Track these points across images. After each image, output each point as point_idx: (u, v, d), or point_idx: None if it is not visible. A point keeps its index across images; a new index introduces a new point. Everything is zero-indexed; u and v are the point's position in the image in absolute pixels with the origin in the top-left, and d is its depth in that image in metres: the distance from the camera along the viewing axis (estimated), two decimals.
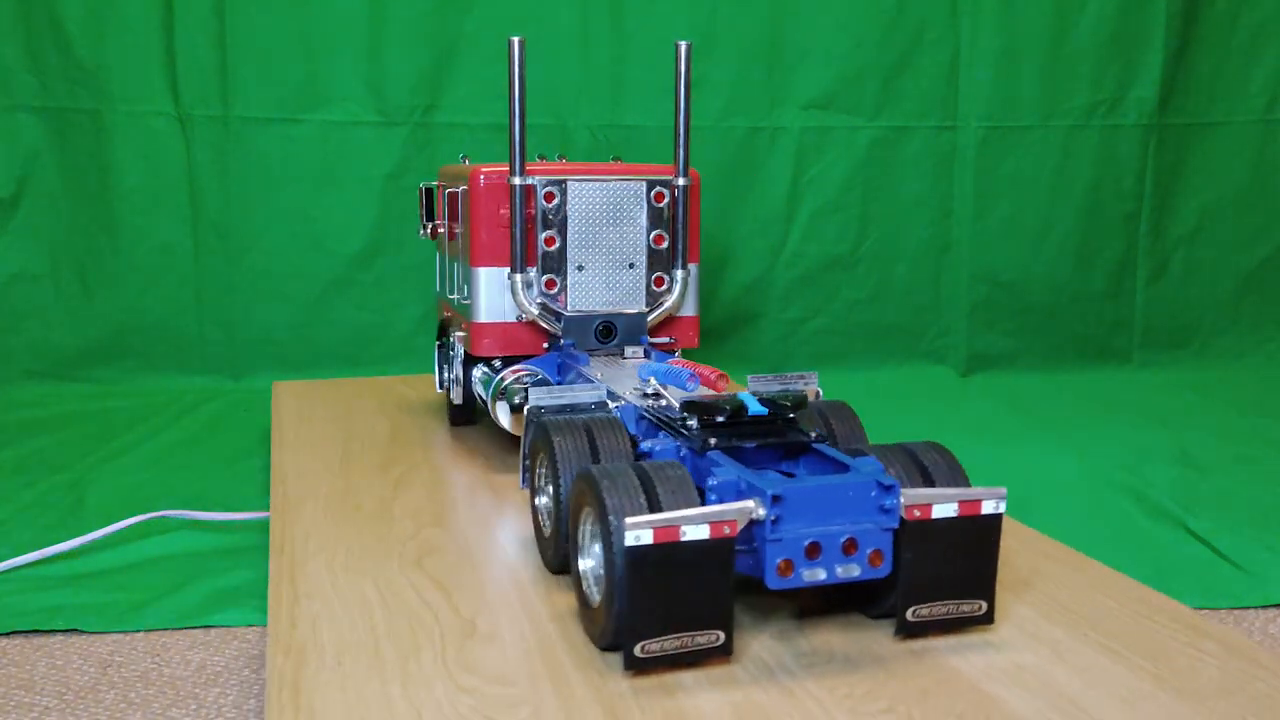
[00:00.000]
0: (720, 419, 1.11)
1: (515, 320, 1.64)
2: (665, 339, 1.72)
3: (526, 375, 1.57)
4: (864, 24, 2.63)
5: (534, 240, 1.61)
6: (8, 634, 1.34)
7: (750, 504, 0.95)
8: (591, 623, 1.02)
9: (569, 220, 1.62)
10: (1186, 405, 2.44)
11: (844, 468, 1.04)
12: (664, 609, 0.93)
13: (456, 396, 1.75)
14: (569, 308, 1.64)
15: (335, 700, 0.92)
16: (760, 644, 1.03)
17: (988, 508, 1.01)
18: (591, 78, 2.59)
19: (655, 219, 1.69)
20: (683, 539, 0.92)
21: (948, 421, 2.31)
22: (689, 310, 1.75)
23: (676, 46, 1.68)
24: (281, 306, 2.58)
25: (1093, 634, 1.07)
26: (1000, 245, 2.76)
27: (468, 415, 1.83)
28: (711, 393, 1.23)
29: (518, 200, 1.58)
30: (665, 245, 1.70)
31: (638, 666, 0.94)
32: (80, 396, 2.44)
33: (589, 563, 1.04)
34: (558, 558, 1.17)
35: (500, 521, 1.38)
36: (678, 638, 0.95)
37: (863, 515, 0.98)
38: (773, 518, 0.94)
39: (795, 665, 1.00)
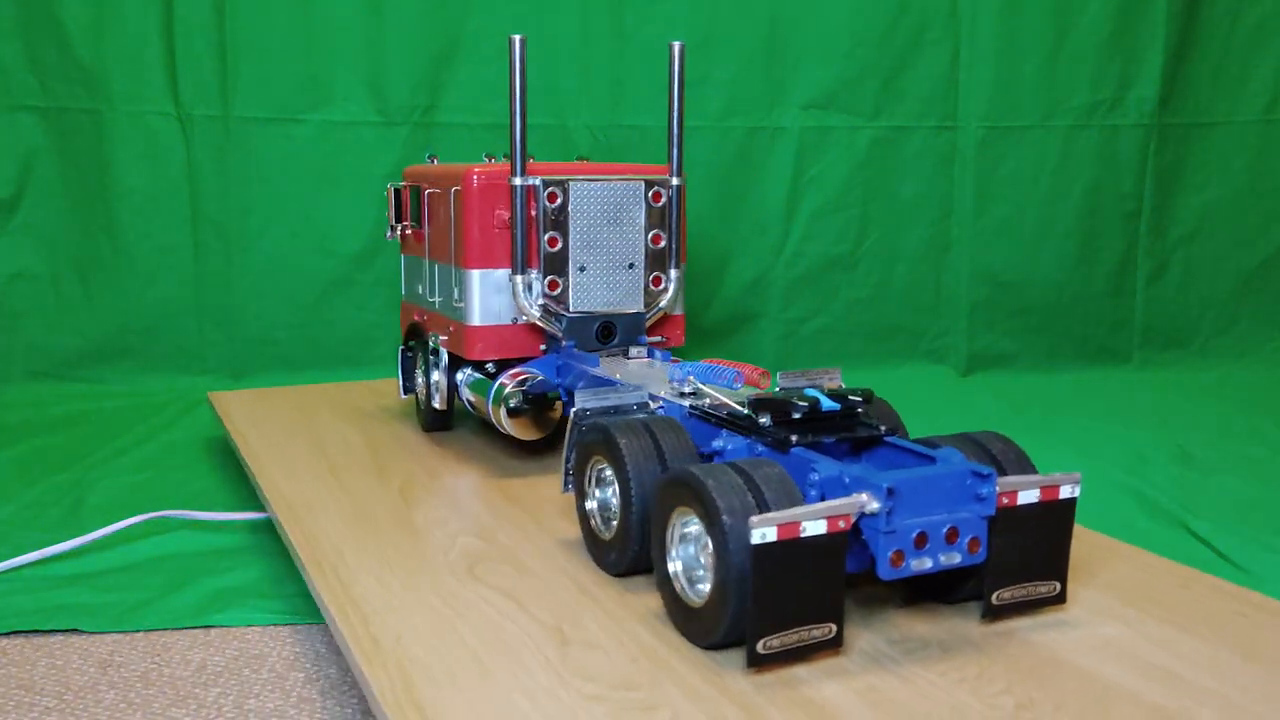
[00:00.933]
0: (797, 416, 1.13)
1: (510, 322, 1.63)
2: (657, 338, 1.72)
3: (528, 379, 1.56)
4: (864, 24, 2.63)
5: (534, 241, 1.60)
6: (8, 634, 1.34)
7: (864, 497, 0.97)
8: (692, 623, 1.03)
9: (571, 221, 1.61)
10: (1186, 405, 2.44)
11: (926, 459, 1.07)
12: (784, 605, 0.95)
13: (439, 402, 1.73)
14: (571, 309, 1.63)
15: (465, 715, 0.91)
16: (852, 635, 1.05)
17: (1065, 492, 1.06)
18: (591, 78, 2.59)
19: (653, 219, 1.68)
20: (802, 535, 0.94)
21: (948, 421, 2.31)
22: (678, 309, 1.75)
23: (671, 47, 1.68)
24: (281, 306, 2.58)
25: (1157, 611, 1.12)
26: (1000, 245, 2.77)
27: (446, 421, 1.82)
28: (755, 390, 1.26)
29: (519, 201, 1.57)
30: (663, 245, 1.70)
31: (760, 663, 0.96)
32: (80, 396, 2.44)
33: (677, 565, 1.06)
34: (624, 561, 1.17)
35: (531, 526, 1.38)
36: (795, 632, 0.96)
37: (960, 504, 1.01)
38: (886, 510, 0.97)
39: (896, 653, 1.02)
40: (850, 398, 1.16)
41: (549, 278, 1.61)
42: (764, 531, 0.92)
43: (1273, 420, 2.31)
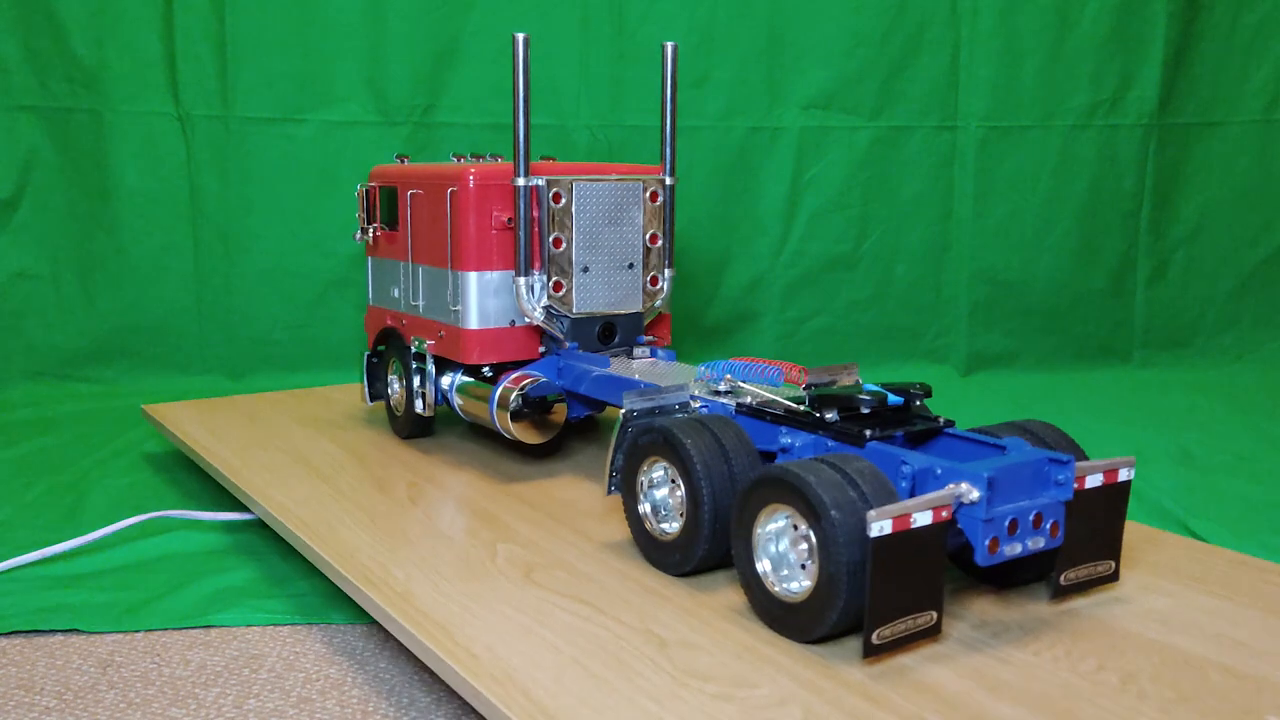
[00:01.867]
0: (866, 411, 1.17)
1: (508, 325, 1.61)
2: (649, 338, 1.72)
3: (532, 382, 1.55)
4: (864, 24, 2.64)
5: (537, 243, 1.58)
6: (8, 634, 1.34)
7: (963, 487, 1.01)
8: (790, 619, 1.06)
9: (574, 221, 1.60)
10: (1186, 405, 2.44)
11: (996, 449, 1.11)
12: (895, 596, 0.98)
13: (425, 408, 1.69)
14: (575, 310, 1.62)
15: None
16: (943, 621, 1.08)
17: (1122, 475, 1.11)
18: (591, 78, 2.59)
19: (650, 218, 1.68)
20: (912, 526, 0.97)
21: None
22: (666, 308, 1.74)
23: (664, 47, 1.67)
24: (281, 306, 2.58)
25: (1204, 586, 1.19)
26: (1000, 245, 2.76)
27: (428, 427, 1.79)
28: (795, 388, 1.29)
29: (523, 202, 1.55)
30: (660, 244, 1.70)
31: (874, 653, 0.98)
32: (80, 396, 2.44)
33: (765, 564, 1.08)
34: (690, 561, 1.19)
35: (564, 530, 1.38)
36: (903, 621, 0.99)
37: (1042, 490, 1.06)
38: (986, 499, 1.01)
39: (984, 636, 1.06)
40: (910, 391, 1.19)
41: (555, 279, 1.59)
42: (881, 524, 0.95)
43: (1273, 420, 2.31)
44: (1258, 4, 2.73)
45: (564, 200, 1.58)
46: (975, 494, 1.01)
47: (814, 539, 1.01)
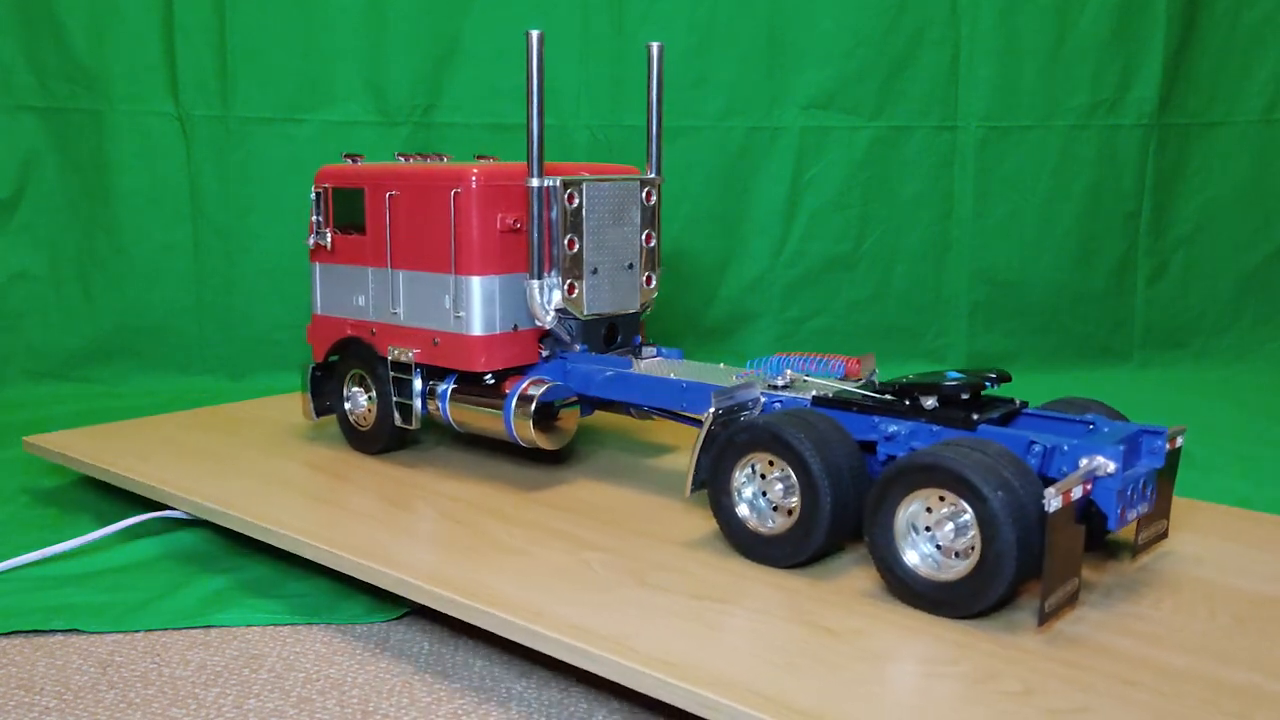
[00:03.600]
0: (965, 396, 1.25)
1: (511, 330, 1.58)
2: (640, 337, 1.72)
3: (549, 387, 1.54)
4: (864, 24, 2.63)
5: (549, 244, 1.55)
6: (8, 634, 1.34)
7: (1100, 460, 1.11)
8: (949, 598, 1.12)
9: (585, 222, 1.58)
10: (1186, 405, 2.44)
11: (1082, 424, 1.22)
12: (1059, 566, 1.07)
13: (413, 420, 1.64)
14: (586, 311, 1.60)
15: (853, 707, 0.95)
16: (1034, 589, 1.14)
17: (1179, 442, 1.24)
18: (591, 78, 2.59)
19: (646, 218, 1.68)
20: (1072, 500, 1.06)
21: None
22: (652, 307, 1.74)
23: (649, 48, 1.67)
24: (281, 306, 2.58)
25: (1246, 540, 1.35)
26: (1000, 245, 2.76)
27: (403, 440, 1.73)
28: (855, 379, 1.38)
29: (536, 203, 1.52)
30: (654, 244, 1.70)
31: (1046, 621, 1.07)
32: (80, 396, 2.44)
33: (914, 555, 1.14)
34: (803, 553, 1.23)
35: (630, 534, 1.38)
36: (1062, 590, 1.09)
37: (1144, 460, 1.18)
38: (1121, 470, 1.11)
39: (1098, 598, 1.17)
40: (989, 376, 1.29)
41: (569, 281, 1.56)
42: (1054, 501, 1.03)
43: (1273, 420, 2.31)
44: (1258, 4, 2.73)
45: (576, 201, 1.56)
46: (1112, 466, 1.11)
47: (974, 519, 1.08)
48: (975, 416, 1.21)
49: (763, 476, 1.27)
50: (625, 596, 1.18)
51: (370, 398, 1.71)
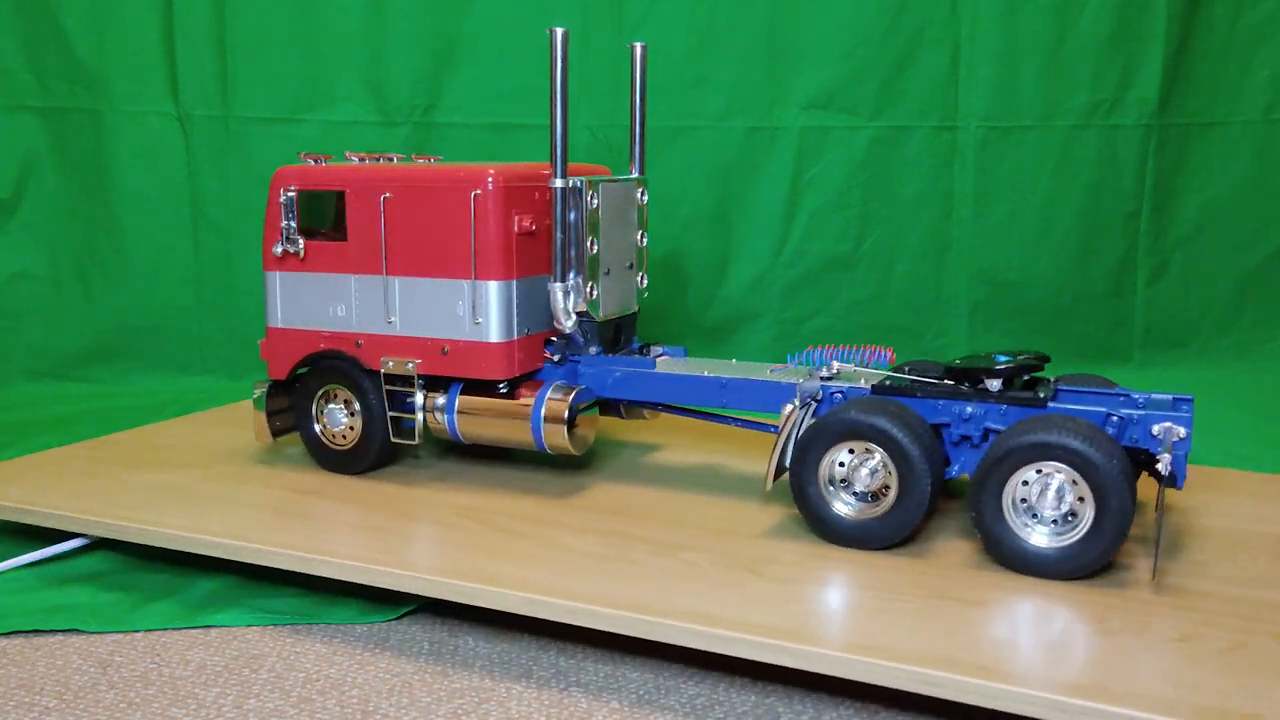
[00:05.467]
0: (1027, 378, 1.37)
1: (525, 335, 1.55)
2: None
3: (577, 392, 1.52)
4: (864, 24, 2.63)
5: (571, 246, 1.53)
6: (8, 634, 1.34)
7: (1169, 426, 1.26)
8: (1055, 560, 1.24)
9: (601, 223, 1.57)
10: None
11: (1120, 396, 1.35)
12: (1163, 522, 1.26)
13: (414, 436, 1.58)
14: (601, 313, 1.59)
15: (1104, 668, 1.04)
16: None
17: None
18: (591, 78, 2.59)
19: (640, 219, 1.68)
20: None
21: None
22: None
23: (632, 48, 1.67)
24: None
25: (1225, 493, 1.55)
26: (1000, 245, 2.76)
27: (391, 457, 1.66)
28: (886, 367, 1.48)
29: (560, 204, 1.50)
30: (644, 244, 1.70)
31: (1155, 576, 1.23)
32: (80, 396, 2.44)
33: (1040, 534, 1.25)
34: (901, 533, 1.32)
35: (694, 529, 1.41)
36: (1155, 546, 1.25)
37: (1181, 423, 1.27)
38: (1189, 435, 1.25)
39: (1146, 549, 1.32)
40: (1033, 358, 1.38)
41: (590, 283, 1.55)
42: (1168, 465, 1.20)
43: (1273, 420, 2.31)
44: (1258, 4, 2.73)
45: (596, 201, 1.54)
46: (1183, 431, 1.25)
47: (1088, 487, 1.21)
48: (1042, 395, 1.31)
49: (844, 465, 1.35)
50: (734, 593, 1.21)
51: (352, 414, 1.63)
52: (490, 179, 1.50)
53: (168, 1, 2.45)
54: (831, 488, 1.36)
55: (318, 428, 1.66)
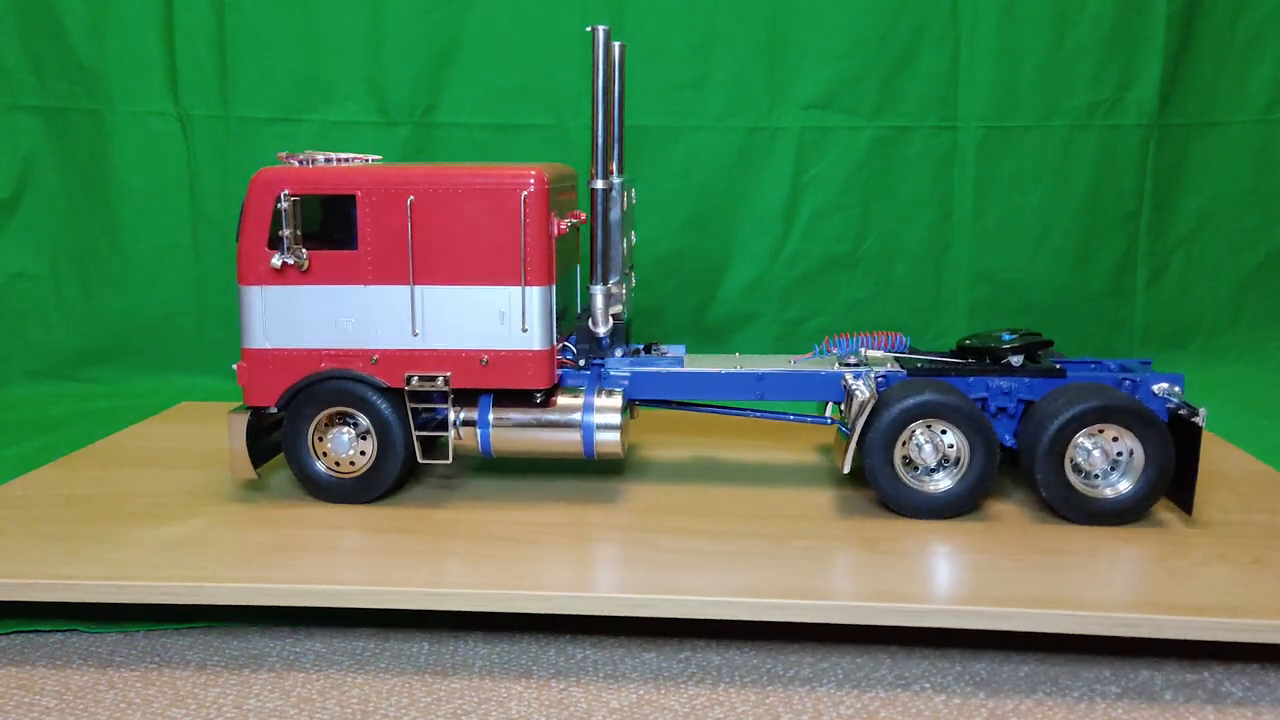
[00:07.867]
0: (1041, 352, 1.55)
1: (557, 341, 1.52)
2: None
3: (623, 394, 1.52)
4: (864, 24, 2.63)
5: (606, 248, 1.52)
6: (8, 634, 1.34)
7: (1166, 385, 1.49)
8: (1113, 510, 1.43)
9: (625, 224, 1.57)
10: None
11: (1092, 361, 1.54)
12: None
13: (447, 455, 1.50)
14: (625, 314, 1.58)
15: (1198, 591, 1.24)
16: None
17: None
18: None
19: (632, 219, 1.69)
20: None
21: None
22: None
23: (612, 47, 1.67)
24: None
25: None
26: (1000, 245, 2.76)
27: (403, 481, 1.56)
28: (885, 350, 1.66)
29: (600, 205, 1.48)
30: (634, 243, 1.70)
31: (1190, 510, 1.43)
32: (80, 396, 2.44)
33: (1078, 480, 1.44)
34: (971, 502, 1.47)
35: (771, 518, 1.46)
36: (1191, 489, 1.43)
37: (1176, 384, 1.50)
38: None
39: (1174, 519, 1.48)
40: (1033, 334, 1.57)
41: (625, 286, 1.54)
42: (1202, 418, 1.40)
43: (1273, 420, 2.31)
44: (1258, 4, 2.73)
45: (631, 201, 1.55)
46: (1179, 389, 1.47)
47: (1139, 443, 1.41)
48: (1059, 365, 1.49)
49: (930, 442, 1.46)
50: (889, 565, 1.32)
51: (362, 437, 1.51)
52: (533, 179, 1.44)
53: (168, 1, 2.45)
54: (908, 463, 1.48)
55: (318, 458, 1.52)
